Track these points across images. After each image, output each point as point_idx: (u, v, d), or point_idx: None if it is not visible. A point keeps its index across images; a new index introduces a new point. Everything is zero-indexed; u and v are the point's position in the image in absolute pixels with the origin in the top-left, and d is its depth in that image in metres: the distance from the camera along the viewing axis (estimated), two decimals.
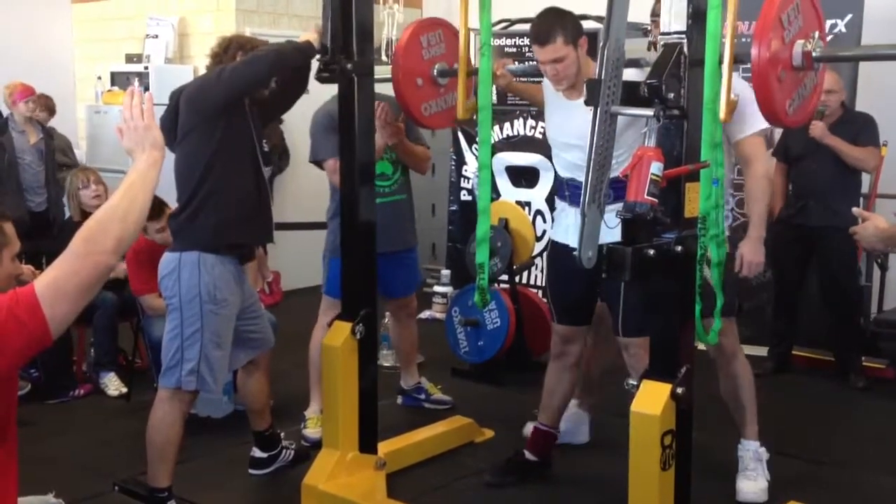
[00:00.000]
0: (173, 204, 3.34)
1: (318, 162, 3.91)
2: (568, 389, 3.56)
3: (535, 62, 3.30)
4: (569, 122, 3.22)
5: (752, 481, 3.34)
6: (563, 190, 3.39)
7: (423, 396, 4.35)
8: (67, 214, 5.18)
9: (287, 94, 3.48)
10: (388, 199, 3.90)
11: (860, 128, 4.65)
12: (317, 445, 3.73)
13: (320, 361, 3.86)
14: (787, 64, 2.36)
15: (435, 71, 3.49)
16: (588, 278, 3.20)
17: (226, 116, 3.13)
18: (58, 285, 1.86)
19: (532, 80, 3.72)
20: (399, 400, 4.39)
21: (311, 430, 3.94)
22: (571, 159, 3.26)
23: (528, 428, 3.70)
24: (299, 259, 6.38)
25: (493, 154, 5.49)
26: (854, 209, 2.69)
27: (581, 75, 3.16)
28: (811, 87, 2.52)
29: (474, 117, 3.38)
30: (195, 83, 3.25)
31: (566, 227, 3.36)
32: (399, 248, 3.98)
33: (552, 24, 3.10)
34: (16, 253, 2.21)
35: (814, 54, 2.36)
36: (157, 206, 4.12)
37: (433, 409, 4.28)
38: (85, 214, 4.93)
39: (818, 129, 4.54)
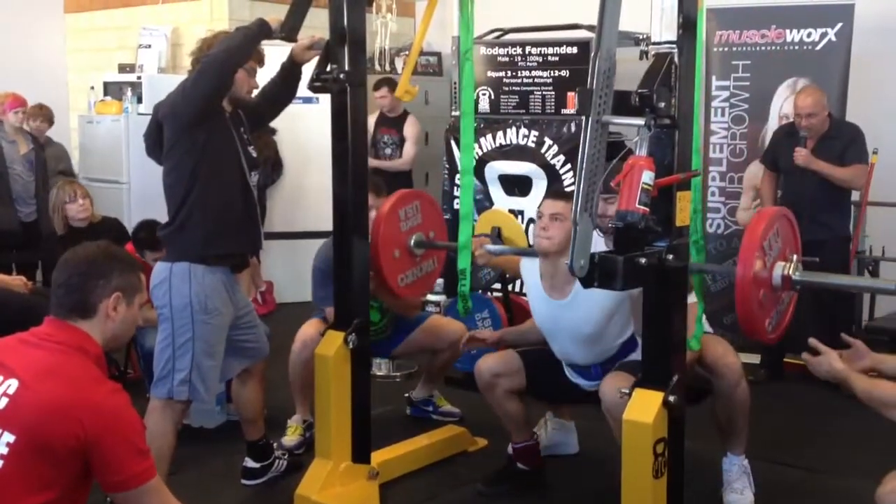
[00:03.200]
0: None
1: (321, 306, 3.96)
2: (513, 405, 3.51)
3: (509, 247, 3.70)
4: (558, 323, 3.33)
5: (740, 494, 3.33)
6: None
7: (430, 408, 4.36)
8: None
9: (275, 101, 3.48)
10: (375, 338, 3.83)
11: (847, 144, 4.64)
12: (290, 453, 3.77)
13: (299, 370, 3.87)
14: (767, 286, 2.50)
15: (412, 242, 3.58)
16: (572, 391, 3.45)
17: (204, 127, 3.12)
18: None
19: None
20: (408, 410, 4.40)
21: (287, 438, 3.94)
22: (566, 350, 3.40)
23: (510, 449, 3.70)
24: (291, 271, 6.38)
25: (486, 163, 5.57)
26: (810, 340, 2.62)
27: (562, 260, 3.15)
28: (787, 302, 2.66)
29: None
30: (168, 99, 3.22)
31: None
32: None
33: (568, 194, 3.34)
34: (144, 301, 2.29)
35: (793, 278, 2.52)
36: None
37: (441, 420, 4.27)
38: (70, 228, 4.88)
39: (802, 157, 4.55)
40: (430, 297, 6.17)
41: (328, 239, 3.85)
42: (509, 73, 5.61)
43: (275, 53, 3.47)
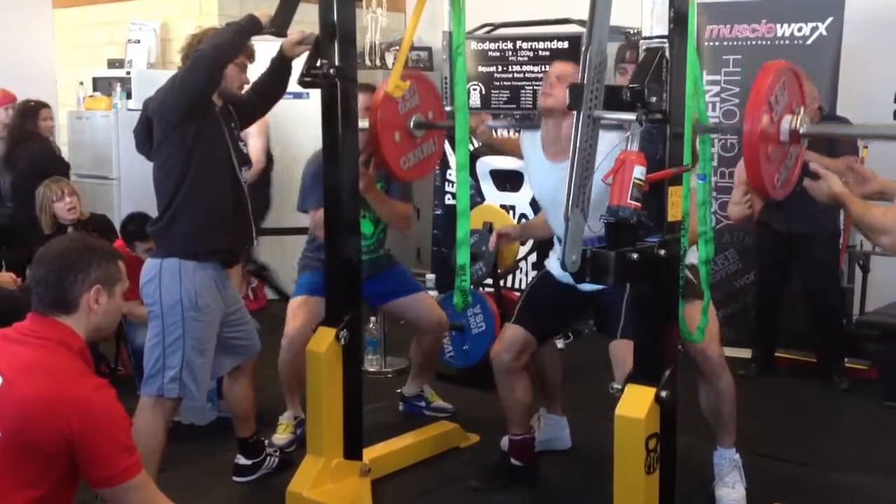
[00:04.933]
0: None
1: (304, 211, 3.91)
2: (523, 394, 3.51)
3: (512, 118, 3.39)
4: (559, 187, 3.28)
5: (731, 488, 3.34)
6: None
7: (423, 404, 4.35)
8: None
9: (265, 96, 3.46)
10: (369, 256, 3.82)
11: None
12: (282, 451, 3.76)
13: (288, 368, 3.86)
14: (775, 141, 2.47)
15: (411, 123, 3.54)
16: (572, 304, 3.41)
17: (194, 123, 3.11)
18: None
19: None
20: (400, 407, 4.40)
21: (278, 436, 3.93)
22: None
23: (505, 441, 3.70)
24: (282, 267, 6.35)
25: (476, 158, 5.56)
26: (811, 164, 2.69)
27: (566, 121, 3.21)
28: (795, 158, 2.62)
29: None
30: (158, 94, 3.20)
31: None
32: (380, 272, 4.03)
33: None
34: (126, 289, 2.27)
35: (801, 131, 2.48)
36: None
37: (433, 416, 4.26)
38: (58, 227, 4.85)
39: None
40: None
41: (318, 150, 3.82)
42: (500, 68, 5.61)
43: (265, 49, 3.46)
